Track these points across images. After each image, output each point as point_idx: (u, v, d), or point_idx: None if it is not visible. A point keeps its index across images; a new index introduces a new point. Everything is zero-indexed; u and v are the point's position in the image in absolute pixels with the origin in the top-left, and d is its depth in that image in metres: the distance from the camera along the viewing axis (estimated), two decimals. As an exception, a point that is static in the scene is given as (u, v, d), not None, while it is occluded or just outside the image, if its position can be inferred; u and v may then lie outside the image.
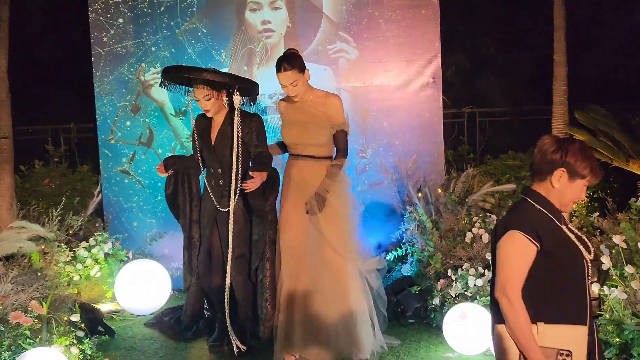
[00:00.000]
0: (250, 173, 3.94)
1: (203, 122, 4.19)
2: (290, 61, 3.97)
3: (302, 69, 3.99)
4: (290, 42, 5.55)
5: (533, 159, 2.36)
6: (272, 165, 4.14)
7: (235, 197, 4.04)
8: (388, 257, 5.26)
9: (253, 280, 4.19)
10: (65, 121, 7.26)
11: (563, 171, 2.27)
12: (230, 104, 4.05)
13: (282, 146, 4.36)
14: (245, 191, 3.94)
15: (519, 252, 2.24)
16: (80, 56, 6.67)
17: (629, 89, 7.02)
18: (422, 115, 5.62)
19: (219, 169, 4.11)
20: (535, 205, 2.31)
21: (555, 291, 2.24)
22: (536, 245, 2.23)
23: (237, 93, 3.98)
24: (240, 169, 4.03)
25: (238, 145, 4.00)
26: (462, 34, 7.65)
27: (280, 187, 4.20)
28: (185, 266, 4.47)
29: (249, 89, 4.13)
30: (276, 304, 4.11)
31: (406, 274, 5.07)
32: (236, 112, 4.03)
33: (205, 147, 4.16)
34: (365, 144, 5.62)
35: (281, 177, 4.23)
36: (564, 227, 2.33)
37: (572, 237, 2.33)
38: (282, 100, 4.31)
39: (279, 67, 3.96)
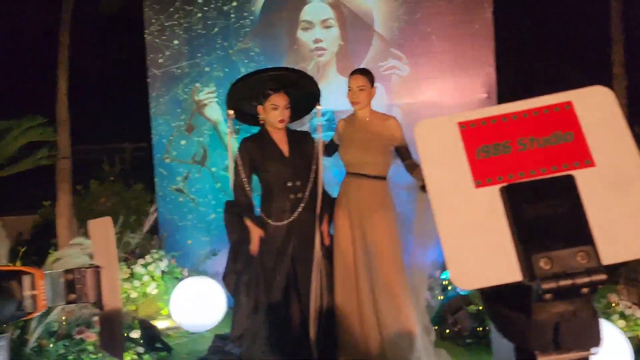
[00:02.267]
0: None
1: (256, 143, 3.94)
2: (364, 70, 4.14)
3: (372, 81, 4.09)
4: (342, 60, 5.61)
5: None
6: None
7: (320, 213, 3.98)
8: (443, 275, 5.20)
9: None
10: (119, 141, 7.44)
11: None
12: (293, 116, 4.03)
13: None
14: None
15: None
16: (133, 77, 6.85)
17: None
18: (475, 131, 5.56)
19: (297, 182, 3.92)
20: None
21: None
22: None
23: (319, 103, 3.98)
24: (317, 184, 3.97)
25: (319, 158, 3.97)
26: (514, 47, 7.57)
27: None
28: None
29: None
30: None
31: (463, 293, 4.99)
32: (319, 123, 4.03)
33: (272, 163, 3.92)
34: (417, 158, 5.57)
35: None
36: None
37: None
38: (342, 120, 4.35)
39: (354, 72, 4.10)
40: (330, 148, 4.30)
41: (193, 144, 5.77)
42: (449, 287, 5.22)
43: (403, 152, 4.17)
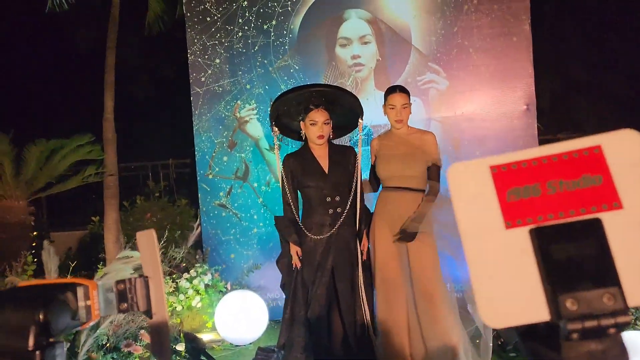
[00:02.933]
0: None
1: (297, 160, 4.02)
2: (403, 88, 4.18)
3: (410, 98, 4.17)
4: (380, 75, 5.65)
5: None
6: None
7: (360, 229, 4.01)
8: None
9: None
10: (164, 158, 7.61)
11: None
12: (336, 132, 4.06)
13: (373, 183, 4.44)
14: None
15: None
16: (177, 96, 7.02)
17: None
18: (515, 143, 5.53)
19: (337, 197, 3.96)
20: None
21: None
22: None
23: (361, 118, 4.01)
24: (357, 198, 4.01)
25: (358, 172, 4.00)
26: (552, 58, 7.49)
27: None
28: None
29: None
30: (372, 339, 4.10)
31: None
32: (359, 142, 4.08)
33: (312, 178, 3.98)
34: (445, 194, 5.58)
35: None
36: None
37: None
38: (375, 138, 4.39)
39: (394, 89, 4.14)
40: (374, 182, 4.35)
41: (235, 160, 5.88)
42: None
43: (432, 172, 4.16)
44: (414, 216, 4.06)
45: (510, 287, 0.75)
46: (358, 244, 4.00)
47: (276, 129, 4.05)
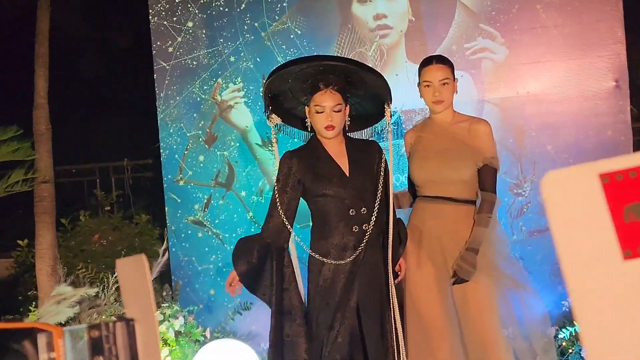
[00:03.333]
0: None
1: (305, 159, 4.00)
2: (442, 58, 4.23)
3: (453, 72, 4.19)
4: (413, 41, 5.66)
5: None
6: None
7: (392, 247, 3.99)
8: (561, 335, 5.17)
9: None
10: (116, 158, 7.60)
11: None
12: (355, 123, 4.08)
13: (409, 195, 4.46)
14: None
15: None
16: (134, 72, 7.03)
17: None
18: (602, 132, 5.52)
19: (363, 208, 3.95)
20: None
21: None
22: None
23: (389, 104, 4.01)
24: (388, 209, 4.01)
25: (389, 181, 4.02)
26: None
27: None
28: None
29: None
30: None
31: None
32: (389, 135, 4.08)
33: (329, 184, 3.95)
34: (521, 176, 5.58)
35: None
36: None
37: None
38: (411, 130, 4.40)
39: (429, 61, 4.19)
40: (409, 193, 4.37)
41: (215, 160, 5.87)
42: (571, 350, 5.18)
43: (486, 177, 4.16)
44: (465, 252, 4.05)
45: (625, 329, 0.75)
46: (390, 270, 3.98)
47: (274, 116, 4.06)
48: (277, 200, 3.94)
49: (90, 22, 8.23)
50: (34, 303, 5.50)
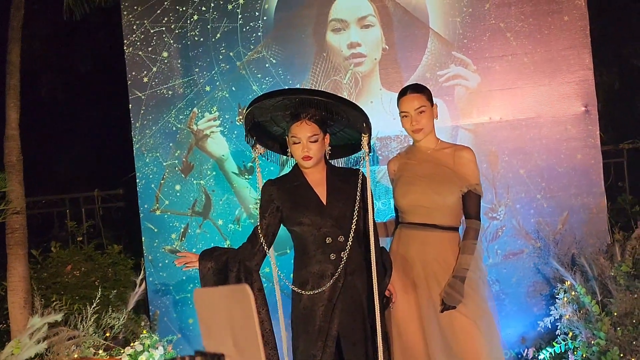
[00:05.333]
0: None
1: (284, 187, 4.01)
2: (417, 87, 4.22)
3: (430, 99, 4.17)
4: (387, 69, 5.70)
5: None
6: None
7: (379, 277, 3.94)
8: (541, 356, 5.20)
9: None
10: (88, 188, 7.52)
11: None
12: (339, 150, 4.10)
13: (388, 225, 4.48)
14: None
15: None
16: (109, 103, 6.96)
17: None
18: (572, 157, 5.60)
19: (340, 236, 3.92)
20: None
21: None
22: None
23: (367, 135, 3.95)
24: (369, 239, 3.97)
25: (370, 208, 3.97)
26: (609, 43, 7.64)
27: None
28: None
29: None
30: None
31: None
32: (366, 164, 4.02)
33: (305, 212, 3.95)
34: (495, 200, 5.63)
35: None
36: None
37: None
38: (393, 159, 4.41)
39: (404, 92, 4.18)
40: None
41: (192, 189, 5.84)
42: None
43: (470, 203, 4.16)
44: (452, 279, 4.06)
45: None
46: (375, 297, 3.95)
47: (259, 146, 4.06)
48: (258, 225, 3.97)
49: (63, 52, 8.17)
50: (4, 337, 5.38)
